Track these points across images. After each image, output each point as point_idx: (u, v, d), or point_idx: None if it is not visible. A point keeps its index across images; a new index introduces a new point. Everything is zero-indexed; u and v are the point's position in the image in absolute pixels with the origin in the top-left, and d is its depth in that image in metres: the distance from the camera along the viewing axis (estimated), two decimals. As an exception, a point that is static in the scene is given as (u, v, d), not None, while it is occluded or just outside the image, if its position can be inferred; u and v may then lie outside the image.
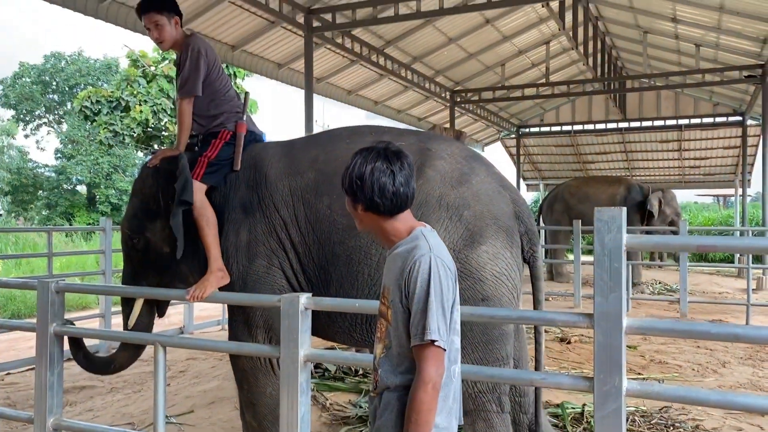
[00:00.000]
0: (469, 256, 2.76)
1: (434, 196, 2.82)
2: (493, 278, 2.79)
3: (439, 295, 1.76)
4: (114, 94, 22.31)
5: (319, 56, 11.40)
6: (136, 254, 3.34)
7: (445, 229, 2.77)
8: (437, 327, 1.73)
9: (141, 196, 3.31)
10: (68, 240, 19.44)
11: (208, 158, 3.22)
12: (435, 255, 1.80)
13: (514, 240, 2.89)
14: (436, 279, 1.77)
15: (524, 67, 15.89)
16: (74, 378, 5.84)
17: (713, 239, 2.04)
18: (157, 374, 3.07)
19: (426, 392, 1.73)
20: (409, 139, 3.07)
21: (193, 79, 3.27)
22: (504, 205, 2.92)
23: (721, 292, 11.57)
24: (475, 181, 2.90)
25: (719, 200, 35.11)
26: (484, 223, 2.81)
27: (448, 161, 2.94)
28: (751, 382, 5.42)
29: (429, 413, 1.74)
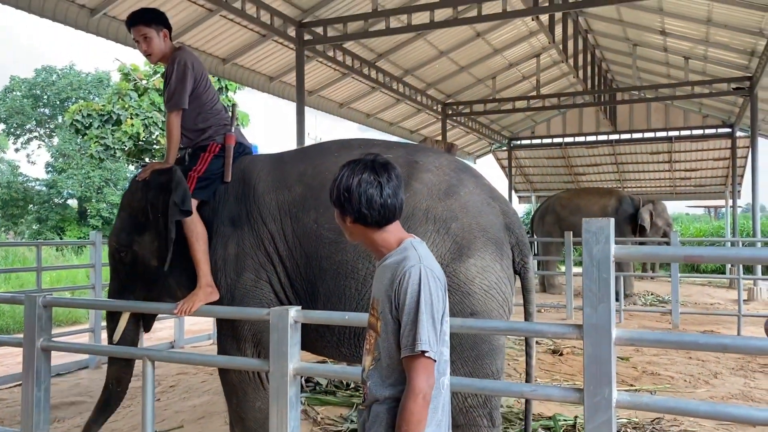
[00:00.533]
0: (457, 270, 2.73)
1: (421, 209, 2.80)
2: (483, 292, 2.76)
3: (429, 306, 1.75)
4: (105, 108, 22.25)
5: (311, 69, 11.42)
6: (124, 268, 3.31)
7: (433, 242, 2.75)
8: (428, 338, 1.72)
9: (129, 210, 3.29)
10: (59, 254, 19.33)
11: (198, 173, 3.22)
12: (425, 266, 1.79)
13: (504, 252, 2.86)
14: (426, 290, 1.76)
15: (515, 79, 15.99)
16: (63, 393, 5.79)
17: (700, 249, 2.04)
18: (145, 389, 3.04)
19: (416, 403, 1.72)
20: (398, 151, 3.06)
21: (179, 91, 3.26)
22: (493, 217, 2.90)
23: (712, 303, 11.60)
24: (464, 193, 2.88)
25: (710, 211, 35.29)
26: (472, 236, 2.78)
27: (435, 173, 2.92)
28: (743, 393, 5.41)
29: (419, 425, 1.73)
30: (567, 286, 9.19)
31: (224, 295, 3.10)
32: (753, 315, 8.60)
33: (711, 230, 24.06)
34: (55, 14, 7.39)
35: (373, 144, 3.21)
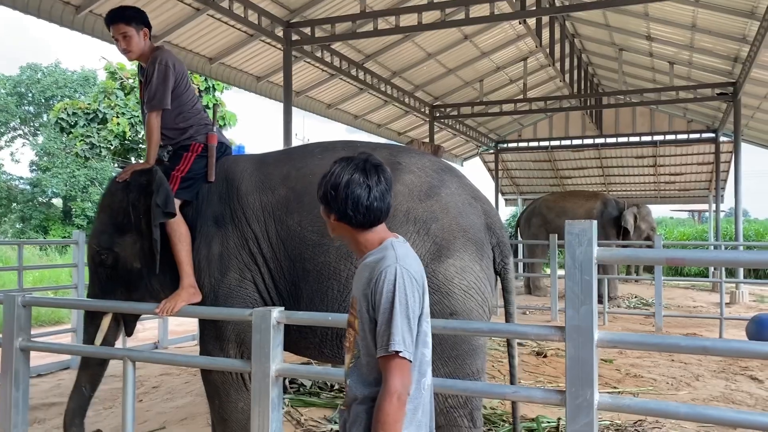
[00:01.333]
0: (436, 270, 2.74)
1: (401, 211, 2.81)
2: (462, 292, 2.77)
3: (404, 306, 1.73)
4: (91, 107, 22.10)
5: (299, 70, 11.40)
6: (105, 271, 3.27)
7: (413, 243, 2.75)
8: (401, 338, 1.70)
9: (110, 212, 3.25)
10: (42, 254, 19.12)
11: (182, 173, 3.19)
12: (401, 265, 1.77)
13: (484, 252, 2.87)
14: (401, 289, 1.73)
15: (502, 83, 16.06)
16: (44, 394, 5.72)
17: (682, 252, 2.05)
18: (126, 390, 3.01)
19: (391, 404, 1.69)
20: (381, 152, 3.06)
21: (162, 92, 3.23)
22: (474, 217, 2.91)
23: (695, 306, 11.70)
24: (445, 194, 2.89)
25: (694, 215, 35.62)
26: (452, 236, 2.79)
27: (417, 175, 2.93)
28: (724, 396, 5.46)
29: (395, 425, 1.70)
30: (552, 288, 9.23)
31: (207, 295, 3.07)
32: (735, 318, 8.68)
33: (695, 234, 24.30)
34: (39, 11, 7.32)
35: (357, 146, 3.20)
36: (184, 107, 3.32)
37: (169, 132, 3.33)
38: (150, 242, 3.06)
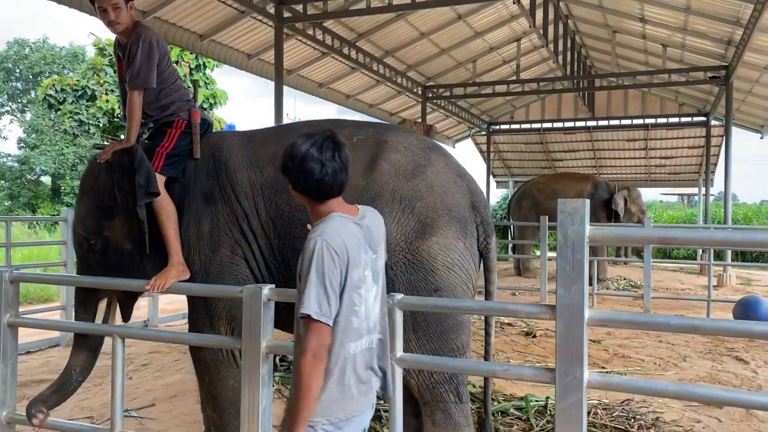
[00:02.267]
0: (420, 248, 2.76)
1: (388, 189, 2.82)
2: (445, 269, 2.79)
3: (321, 275, 1.89)
4: (80, 83, 21.82)
5: (290, 48, 11.29)
6: (94, 257, 3.20)
7: (398, 221, 2.77)
8: (312, 303, 1.88)
9: (94, 194, 3.17)
10: (31, 231, 19.00)
11: (167, 149, 3.14)
12: (323, 239, 1.92)
13: (468, 230, 2.89)
14: (319, 260, 1.89)
15: (495, 63, 15.97)
16: (32, 371, 5.71)
17: (674, 231, 2.05)
18: (115, 366, 3.00)
19: (305, 360, 1.89)
20: (368, 131, 3.06)
21: (146, 70, 3.16)
22: (459, 196, 2.92)
23: (683, 288, 11.80)
24: (430, 173, 2.90)
25: (683, 199, 35.84)
26: (436, 214, 2.81)
27: (403, 153, 2.93)
28: (710, 376, 5.53)
29: (309, 378, 1.89)
30: (542, 270, 9.27)
31: (198, 272, 3.05)
32: (722, 300, 8.77)
33: (684, 217, 24.47)
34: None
35: (345, 125, 3.17)
36: (166, 83, 3.27)
37: (150, 110, 3.26)
38: (140, 224, 3.01)
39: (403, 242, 2.76)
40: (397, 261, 2.76)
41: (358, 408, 2.05)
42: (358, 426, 2.08)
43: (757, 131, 16.68)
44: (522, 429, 4.04)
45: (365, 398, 2.08)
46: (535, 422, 4.09)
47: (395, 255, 2.76)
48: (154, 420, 4.38)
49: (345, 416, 2.01)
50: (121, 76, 3.32)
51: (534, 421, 4.11)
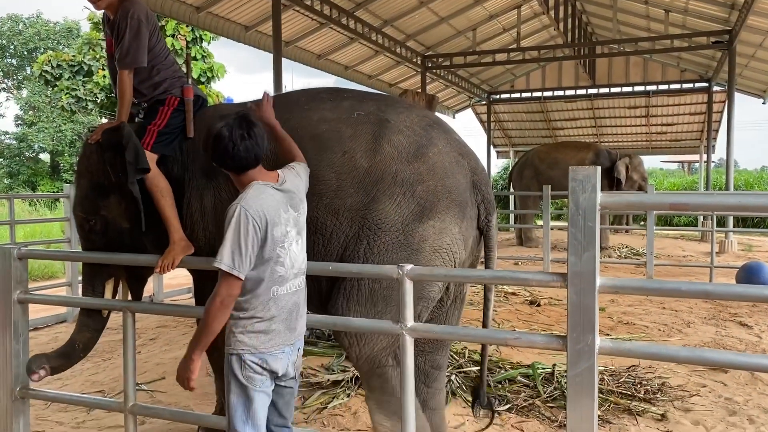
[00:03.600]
0: (415, 230, 2.74)
1: (389, 173, 2.77)
2: (432, 251, 2.76)
3: (237, 236, 2.22)
4: (76, 59, 21.60)
5: (288, 18, 11.14)
6: (96, 237, 3.21)
7: (398, 204, 2.74)
8: (225, 258, 2.21)
9: (89, 175, 3.16)
10: (32, 209, 19.00)
11: (159, 127, 3.11)
12: (242, 206, 2.24)
13: (466, 213, 2.85)
14: (237, 224, 2.22)
15: (495, 32, 15.79)
16: (42, 347, 5.75)
17: (686, 197, 2.04)
18: (126, 340, 3.03)
19: (214, 304, 2.23)
20: (369, 106, 2.98)
21: (136, 48, 3.07)
22: (461, 177, 2.87)
23: (685, 255, 11.83)
24: (432, 154, 2.85)
25: (684, 166, 35.73)
26: (436, 198, 2.77)
27: (405, 134, 2.87)
28: (715, 341, 5.57)
29: (213, 320, 2.24)
30: (544, 239, 9.28)
31: (203, 247, 3.05)
32: (724, 266, 8.79)
33: (685, 185, 24.42)
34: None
35: (344, 96, 3.09)
36: (157, 59, 3.20)
37: (143, 88, 3.20)
38: (134, 200, 3.00)
39: (399, 223, 2.73)
40: (386, 240, 2.73)
41: (285, 341, 2.37)
42: (285, 357, 2.38)
43: (759, 96, 16.55)
44: (529, 396, 4.07)
45: (292, 333, 2.41)
46: (542, 389, 4.13)
47: (387, 234, 2.73)
48: (164, 393, 4.42)
49: (271, 347, 2.33)
50: (110, 53, 3.24)
51: (541, 387, 4.15)
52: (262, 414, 2.36)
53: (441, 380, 3.14)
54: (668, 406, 4.00)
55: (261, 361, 2.31)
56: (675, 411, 3.93)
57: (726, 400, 4.12)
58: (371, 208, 2.74)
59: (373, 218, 2.74)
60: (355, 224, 2.77)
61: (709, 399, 4.15)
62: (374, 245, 2.73)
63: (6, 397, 3.29)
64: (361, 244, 2.75)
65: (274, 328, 2.34)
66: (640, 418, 3.81)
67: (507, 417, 3.83)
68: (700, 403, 4.06)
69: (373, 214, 2.74)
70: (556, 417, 3.78)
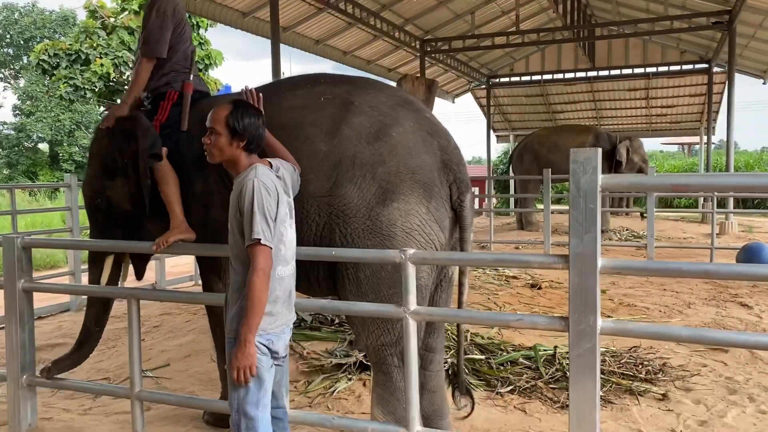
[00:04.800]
0: (380, 214, 2.70)
1: (348, 156, 2.74)
2: (404, 234, 2.71)
3: (262, 208, 2.25)
4: (73, 47, 21.45)
5: (285, 4, 11.08)
6: (101, 215, 3.35)
7: (359, 188, 2.70)
8: (261, 230, 2.24)
9: (99, 158, 3.30)
10: (32, 199, 19.01)
11: (160, 121, 3.22)
12: (259, 179, 2.30)
13: (433, 193, 2.78)
14: (259, 196, 2.26)
15: (494, 15, 15.70)
16: (46, 336, 5.78)
17: (686, 178, 2.05)
18: (131, 327, 3.06)
19: (258, 277, 2.23)
20: (340, 89, 2.96)
21: (156, 40, 3.23)
22: (427, 156, 2.81)
23: (686, 237, 11.85)
24: (396, 133, 2.79)
25: (684, 148, 35.69)
26: (398, 179, 2.72)
27: (368, 115, 2.83)
28: (715, 321, 5.60)
29: (262, 293, 2.25)
30: (545, 223, 9.29)
31: (198, 231, 3.12)
32: (725, 248, 8.81)
33: (685, 167, 24.43)
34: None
35: (320, 81, 3.09)
36: (171, 52, 3.31)
37: (153, 78, 3.32)
38: (138, 185, 3.12)
39: (363, 209, 2.70)
40: (356, 227, 2.71)
41: (286, 321, 2.42)
42: (286, 337, 2.44)
43: (759, 77, 16.48)
44: (532, 377, 4.10)
45: (291, 314, 2.47)
46: (544, 370, 4.16)
47: (355, 221, 2.71)
48: (170, 379, 4.45)
49: (277, 328, 2.36)
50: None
51: (543, 369, 4.18)
52: (270, 395, 2.39)
53: (437, 362, 3.12)
54: (669, 385, 4.02)
55: (268, 342, 2.33)
56: (676, 391, 3.96)
57: (726, 379, 4.16)
58: (334, 194, 2.73)
59: (338, 204, 2.73)
60: (323, 212, 2.76)
61: (709, 378, 4.18)
62: (345, 233, 2.73)
63: (14, 385, 3.33)
64: (333, 233, 2.75)
65: (278, 309, 2.37)
66: (641, 398, 3.84)
67: (510, 398, 3.86)
68: (701, 383, 4.09)
69: (337, 200, 2.73)
70: (558, 398, 3.81)
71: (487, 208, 12.51)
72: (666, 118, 19.96)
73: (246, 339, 2.25)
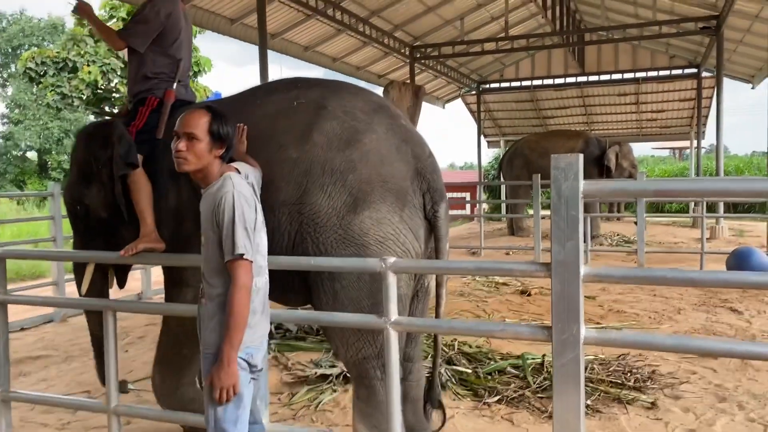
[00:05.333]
0: (352, 222, 2.63)
1: (318, 162, 2.67)
2: (378, 243, 2.64)
3: (242, 221, 2.20)
4: (60, 55, 21.32)
5: (273, 10, 11.04)
6: (80, 222, 3.30)
7: (329, 195, 2.63)
8: (243, 244, 2.18)
9: (77, 164, 3.26)
10: (20, 208, 18.85)
11: (137, 127, 3.19)
12: (237, 191, 2.23)
13: (406, 201, 2.71)
14: (239, 209, 2.20)
15: (483, 21, 15.71)
16: (28, 348, 5.69)
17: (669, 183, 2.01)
18: (107, 340, 2.98)
19: (241, 293, 2.18)
20: (314, 93, 2.89)
21: (135, 32, 3.22)
22: (400, 164, 2.73)
23: (676, 242, 11.85)
24: (368, 140, 2.72)
25: (675, 153, 35.86)
26: (369, 187, 2.64)
27: (341, 120, 2.75)
28: (705, 327, 5.56)
29: (245, 309, 2.19)
30: (535, 228, 9.26)
31: (168, 244, 3.07)
32: (715, 252, 8.79)
33: (676, 171, 24.51)
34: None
35: (296, 86, 3.01)
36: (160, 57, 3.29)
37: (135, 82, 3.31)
38: (113, 193, 3.08)
39: (334, 217, 2.62)
40: (328, 237, 2.63)
41: (263, 333, 2.38)
42: (264, 349, 2.40)
43: (748, 81, 16.57)
44: (519, 387, 4.05)
45: (267, 324, 2.42)
46: (532, 380, 4.10)
47: (326, 230, 2.63)
48: (151, 392, 4.35)
49: (256, 340, 2.32)
50: None
51: (531, 378, 4.12)
52: (248, 412, 2.33)
53: (416, 371, 3.02)
54: (658, 394, 3.98)
55: (248, 356, 2.27)
56: (665, 399, 3.91)
57: (716, 387, 4.11)
58: (304, 202, 2.66)
59: (308, 213, 2.65)
60: (294, 221, 2.69)
61: (699, 386, 4.14)
62: (318, 242, 2.65)
63: (-13, 401, 3.23)
64: (306, 242, 2.68)
65: (257, 321, 2.30)
66: (630, 407, 3.78)
67: (497, 408, 3.81)
68: (690, 390, 4.05)
69: (307, 208, 2.65)
70: (545, 407, 3.75)
71: (478, 214, 12.47)
72: (656, 122, 20.03)
73: (229, 357, 2.18)
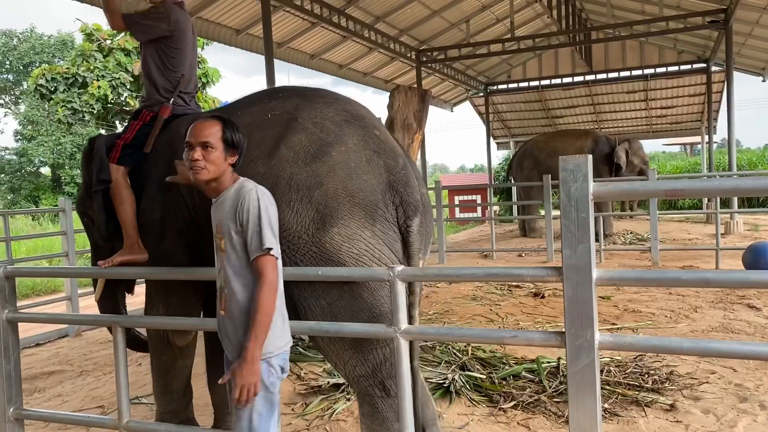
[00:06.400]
0: (322, 240, 2.55)
1: (284, 178, 2.59)
2: (353, 260, 2.56)
3: (268, 218, 2.17)
4: (70, 71, 21.53)
5: (278, 20, 11.07)
6: (89, 233, 3.52)
7: (296, 212, 2.55)
8: (270, 239, 2.14)
9: (82, 179, 3.50)
10: (35, 223, 19.00)
11: (125, 140, 3.23)
12: (260, 190, 2.22)
13: (377, 216, 2.61)
14: (264, 206, 2.18)
15: (489, 22, 15.67)
16: (43, 363, 5.70)
17: (681, 182, 1.95)
18: (117, 355, 2.97)
19: (269, 289, 2.13)
20: (290, 104, 2.82)
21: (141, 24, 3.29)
22: (370, 177, 2.63)
23: (690, 238, 11.71)
24: (336, 153, 2.63)
25: (686, 148, 35.52)
26: (336, 203, 2.55)
27: (309, 132, 2.67)
28: (723, 325, 5.47)
29: (271, 307, 2.14)
30: (546, 229, 9.20)
31: (150, 256, 3.11)
32: (730, 248, 8.68)
33: (687, 167, 24.28)
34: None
35: (278, 96, 2.96)
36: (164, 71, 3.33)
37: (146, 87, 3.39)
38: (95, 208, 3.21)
39: (305, 235, 2.55)
40: (303, 255, 2.57)
41: (289, 336, 2.30)
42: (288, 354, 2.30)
43: (758, 74, 16.41)
44: (535, 391, 3.99)
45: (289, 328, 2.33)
46: (547, 384, 4.04)
47: (300, 249, 2.57)
48: (165, 405, 4.35)
49: (287, 345, 2.26)
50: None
51: (546, 382, 4.06)
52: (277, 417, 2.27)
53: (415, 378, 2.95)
54: (677, 395, 3.90)
55: (283, 362, 2.23)
56: (684, 400, 3.84)
57: (736, 387, 4.03)
58: None
59: (279, 231, 2.52)
60: None
61: (718, 386, 4.06)
62: (294, 260, 2.57)
63: (0, 418, 3.23)
64: (283, 261, 2.54)
65: (285, 323, 2.27)
66: (648, 409, 3.71)
67: (513, 414, 3.75)
68: (710, 391, 3.97)
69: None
70: (562, 412, 3.69)
71: (489, 216, 12.41)
72: (666, 119, 19.87)
73: (254, 355, 2.11)
